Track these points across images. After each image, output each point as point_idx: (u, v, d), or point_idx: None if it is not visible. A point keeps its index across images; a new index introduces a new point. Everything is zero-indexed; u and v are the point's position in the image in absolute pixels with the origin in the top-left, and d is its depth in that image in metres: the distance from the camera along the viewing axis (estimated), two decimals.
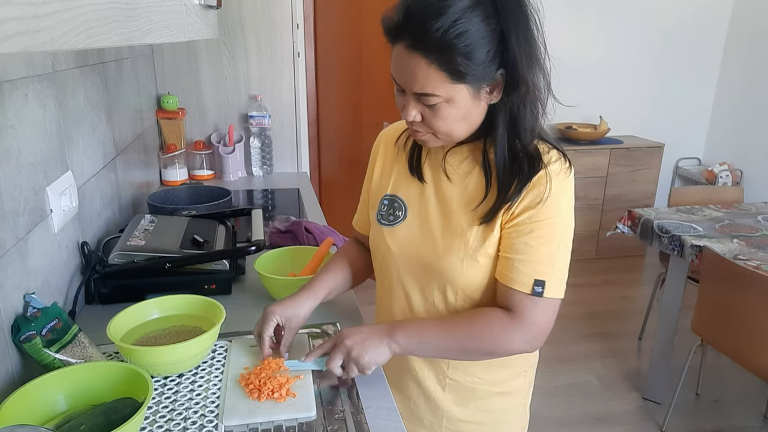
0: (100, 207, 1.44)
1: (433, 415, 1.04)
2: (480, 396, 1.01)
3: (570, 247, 0.89)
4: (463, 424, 1.03)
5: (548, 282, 0.85)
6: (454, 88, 0.79)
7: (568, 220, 0.88)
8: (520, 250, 0.86)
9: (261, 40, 2.32)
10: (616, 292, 3.42)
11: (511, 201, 0.86)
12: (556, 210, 0.85)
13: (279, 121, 2.44)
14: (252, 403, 0.88)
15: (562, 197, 0.86)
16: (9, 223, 0.92)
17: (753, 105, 3.77)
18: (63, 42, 0.43)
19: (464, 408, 1.02)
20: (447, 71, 0.77)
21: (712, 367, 2.64)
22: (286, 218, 1.68)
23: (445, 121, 0.83)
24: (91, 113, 1.41)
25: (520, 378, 1.04)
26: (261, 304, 1.26)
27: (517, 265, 0.86)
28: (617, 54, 3.83)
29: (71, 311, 1.16)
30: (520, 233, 0.86)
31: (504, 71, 0.79)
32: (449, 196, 0.93)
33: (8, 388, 0.85)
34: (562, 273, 0.87)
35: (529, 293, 0.85)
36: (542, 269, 0.85)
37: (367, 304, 1.64)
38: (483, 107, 0.84)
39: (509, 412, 1.06)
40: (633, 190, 3.79)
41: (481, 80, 0.79)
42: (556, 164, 0.86)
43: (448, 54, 0.76)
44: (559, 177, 0.86)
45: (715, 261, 1.95)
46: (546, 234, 0.85)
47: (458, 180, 0.93)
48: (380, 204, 1.02)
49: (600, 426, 2.28)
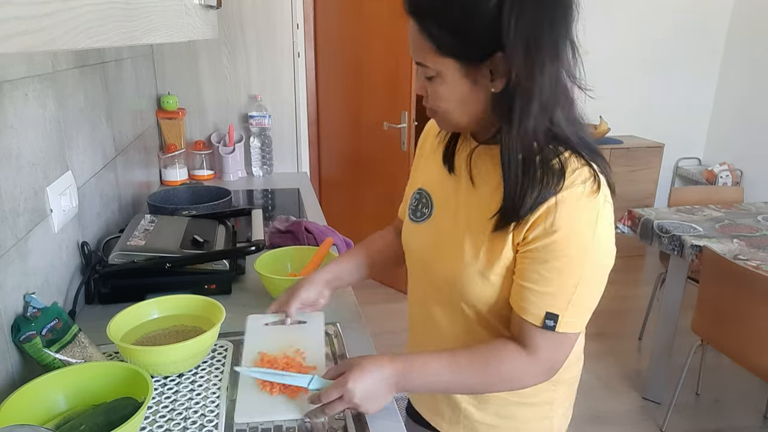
0: (100, 207, 1.44)
1: (452, 411, 0.99)
2: (499, 403, 0.95)
3: (600, 284, 0.79)
4: (479, 425, 0.97)
5: (562, 317, 0.77)
6: (443, 61, 0.75)
7: (594, 255, 0.75)
8: (533, 279, 0.77)
9: (261, 40, 2.32)
10: (616, 292, 3.42)
11: (519, 218, 0.76)
12: (577, 240, 0.74)
13: (279, 121, 2.44)
14: (264, 397, 0.87)
15: (582, 225, 0.74)
16: (9, 223, 0.92)
17: (753, 105, 3.77)
18: (63, 42, 0.43)
19: (482, 412, 0.96)
20: (433, 42, 0.74)
21: (712, 367, 2.64)
22: (286, 218, 1.68)
23: (440, 99, 0.79)
24: (91, 113, 1.41)
25: (547, 393, 0.95)
26: (261, 304, 1.26)
27: (529, 295, 0.78)
28: (617, 54, 3.83)
29: (71, 311, 1.16)
30: (534, 260, 0.77)
31: (504, 56, 0.71)
32: (476, 203, 0.85)
33: (8, 388, 0.85)
34: (580, 309, 0.78)
35: (540, 326, 0.78)
36: (556, 303, 0.77)
37: (368, 304, 1.64)
38: (485, 93, 0.76)
39: (530, 421, 0.97)
40: (633, 190, 3.78)
41: (471, 59, 0.73)
42: (578, 186, 0.74)
43: (435, 24, 0.73)
44: (580, 201, 0.74)
45: (715, 261, 1.95)
46: (562, 267, 0.75)
47: (483, 185, 0.84)
48: (412, 198, 0.98)
49: (600, 426, 2.28)
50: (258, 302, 1.27)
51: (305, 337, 1.00)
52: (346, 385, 0.79)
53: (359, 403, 0.80)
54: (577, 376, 1.01)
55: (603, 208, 0.75)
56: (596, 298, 0.80)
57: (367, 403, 0.81)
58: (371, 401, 0.81)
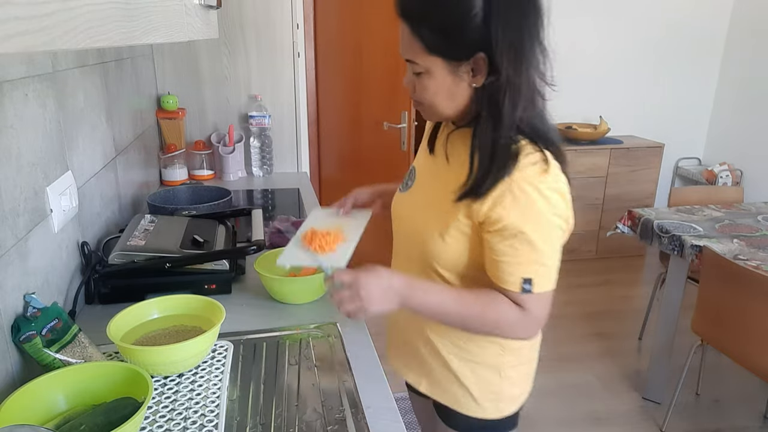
0: (100, 207, 1.44)
1: (419, 365, 1.09)
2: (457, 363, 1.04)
3: (558, 245, 0.90)
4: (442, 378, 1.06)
5: (535, 279, 0.88)
6: (431, 59, 0.85)
7: (552, 219, 0.87)
8: (505, 253, 0.88)
9: (261, 40, 2.32)
10: (616, 292, 3.42)
11: (474, 195, 0.87)
12: (536, 211, 0.85)
13: (279, 121, 2.44)
14: (302, 249, 1.03)
15: (538, 198, 0.85)
16: (9, 223, 0.92)
17: (753, 105, 3.77)
18: (63, 42, 0.43)
19: (445, 369, 1.05)
20: (423, 42, 0.84)
21: (712, 367, 2.64)
22: (286, 218, 1.68)
23: (427, 92, 0.89)
24: (91, 113, 1.41)
25: (494, 357, 1.03)
26: (261, 304, 1.26)
27: (504, 267, 0.88)
28: (617, 54, 3.83)
29: (71, 311, 1.16)
30: (503, 237, 0.87)
31: (486, 56, 0.82)
32: (444, 177, 0.97)
33: (8, 388, 0.85)
34: (549, 268, 0.89)
35: (519, 291, 0.88)
36: (528, 269, 0.87)
37: None
38: (466, 88, 0.87)
39: (481, 381, 1.04)
40: (633, 190, 3.78)
41: (455, 57, 0.84)
42: (531, 166, 0.85)
43: (426, 27, 0.84)
44: (533, 178, 0.85)
45: (715, 261, 1.95)
46: (530, 237, 0.86)
47: (454, 163, 0.96)
48: (407, 173, 1.12)
49: (600, 426, 2.28)
50: (258, 302, 1.27)
51: (349, 224, 1.13)
52: (359, 277, 0.88)
53: (364, 295, 0.87)
54: (529, 349, 1.07)
55: (554, 181, 0.86)
56: (558, 257, 0.90)
57: (370, 301, 0.88)
58: (374, 300, 0.88)
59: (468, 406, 1.05)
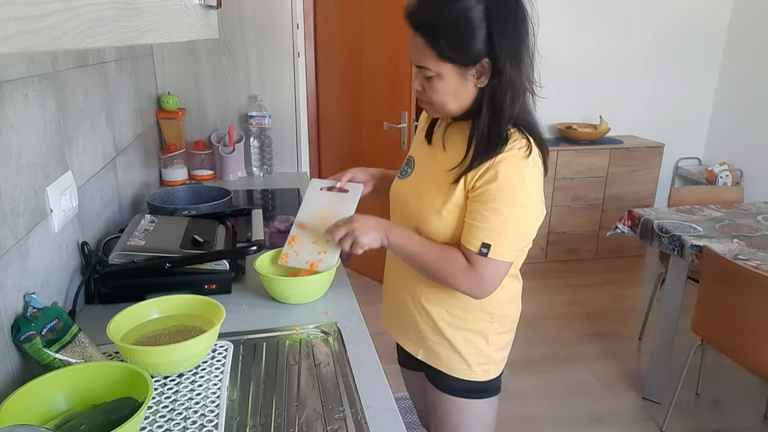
0: (100, 207, 1.44)
1: (416, 333, 1.22)
2: (448, 330, 1.18)
3: (527, 226, 1.04)
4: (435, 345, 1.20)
5: (493, 246, 1.02)
6: (443, 65, 1.00)
7: (521, 199, 1.01)
8: (477, 217, 1.03)
9: (261, 41, 2.32)
10: (616, 292, 3.42)
11: (469, 169, 1.03)
12: (510, 188, 1.00)
13: (279, 121, 2.44)
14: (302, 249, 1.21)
15: (515, 177, 1.00)
16: (9, 223, 0.92)
17: (753, 105, 3.77)
18: (63, 42, 0.43)
19: (438, 335, 1.19)
20: (437, 51, 0.99)
21: (712, 367, 2.64)
22: (286, 218, 1.68)
23: (437, 94, 1.04)
24: (91, 113, 1.41)
25: (482, 323, 1.18)
26: (261, 304, 1.26)
27: (472, 230, 1.04)
28: (617, 54, 3.83)
29: (71, 311, 1.16)
30: (478, 202, 1.03)
31: (489, 61, 0.98)
32: (442, 162, 1.12)
33: (8, 388, 0.85)
34: (509, 242, 1.03)
35: (476, 252, 1.03)
36: (490, 236, 1.02)
37: (367, 304, 1.64)
38: (471, 88, 1.02)
39: (470, 346, 1.19)
40: (633, 190, 3.78)
41: (465, 63, 0.99)
42: (516, 150, 1.01)
43: (440, 40, 0.98)
44: (515, 160, 1.01)
45: (715, 261, 1.95)
46: (497, 208, 1.01)
47: (450, 150, 1.12)
48: (402, 164, 1.25)
49: (600, 426, 2.28)
50: (258, 302, 1.27)
51: (344, 200, 1.27)
52: (352, 219, 1.13)
53: (356, 226, 1.10)
54: (512, 320, 1.23)
55: (532, 168, 1.02)
56: (524, 239, 1.06)
57: (362, 231, 1.10)
58: (366, 231, 1.10)
59: (460, 370, 1.19)
